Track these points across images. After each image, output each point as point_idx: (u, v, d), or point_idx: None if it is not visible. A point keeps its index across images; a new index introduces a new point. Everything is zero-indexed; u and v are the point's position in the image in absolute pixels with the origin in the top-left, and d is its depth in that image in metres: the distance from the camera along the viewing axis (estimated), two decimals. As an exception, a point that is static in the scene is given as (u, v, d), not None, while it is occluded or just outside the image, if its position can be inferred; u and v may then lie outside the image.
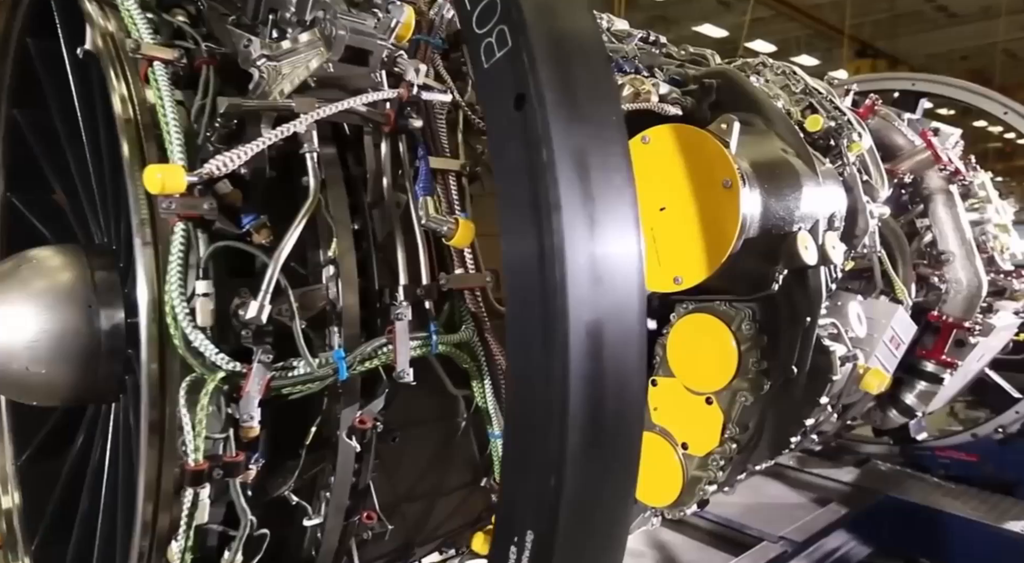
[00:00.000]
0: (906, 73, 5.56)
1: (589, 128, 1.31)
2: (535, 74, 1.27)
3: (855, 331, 2.87)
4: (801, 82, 2.96)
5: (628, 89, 2.21)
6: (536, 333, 1.27)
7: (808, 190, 2.33)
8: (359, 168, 1.80)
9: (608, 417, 1.29)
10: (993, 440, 4.85)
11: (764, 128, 2.48)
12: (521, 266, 1.28)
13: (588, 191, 1.27)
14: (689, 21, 16.22)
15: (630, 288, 1.33)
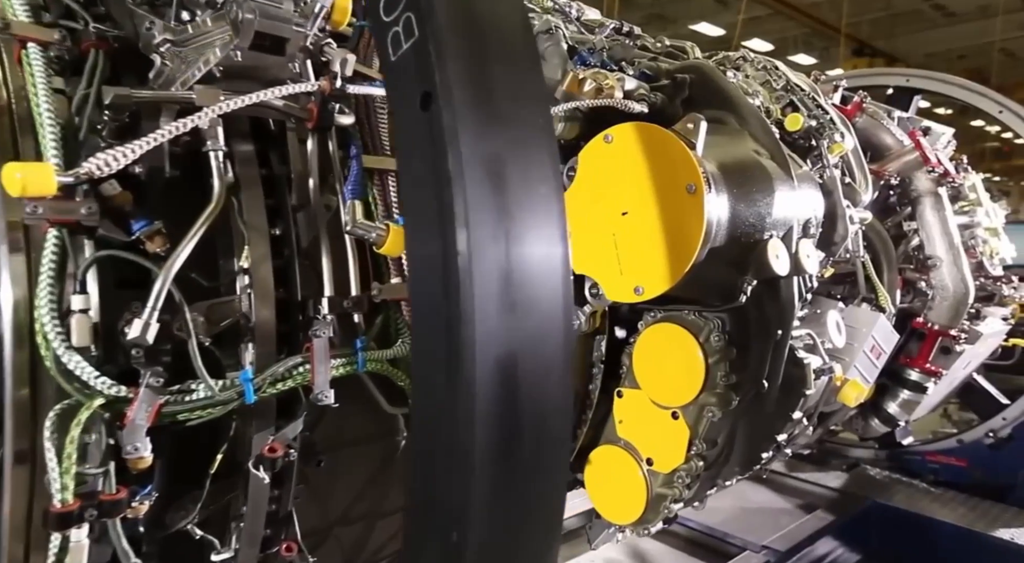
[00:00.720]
0: (901, 69, 5.34)
1: (508, 132, 1.12)
2: (442, 69, 1.07)
3: (833, 341, 2.68)
4: (783, 78, 2.75)
5: (590, 84, 2.01)
6: (439, 368, 1.08)
7: (781, 195, 2.13)
8: (284, 168, 1.61)
9: (524, 462, 1.10)
10: (983, 445, 4.66)
11: (737, 128, 2.28)
12: (423, 291, 1.10)
13: (503, 205, 1.08)
14: (686, 20, 15.91)
15: (552, 316, 1.14)
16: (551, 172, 1.17)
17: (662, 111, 2.30)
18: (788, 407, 2.42)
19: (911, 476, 4.84)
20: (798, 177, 2.23)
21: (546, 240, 1.15)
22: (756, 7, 15.43)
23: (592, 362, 2.40)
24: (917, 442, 4.89)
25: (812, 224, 2.25)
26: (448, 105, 1.07)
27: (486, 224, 1.07)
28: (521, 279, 1.10)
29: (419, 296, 1.13)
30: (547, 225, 1.15)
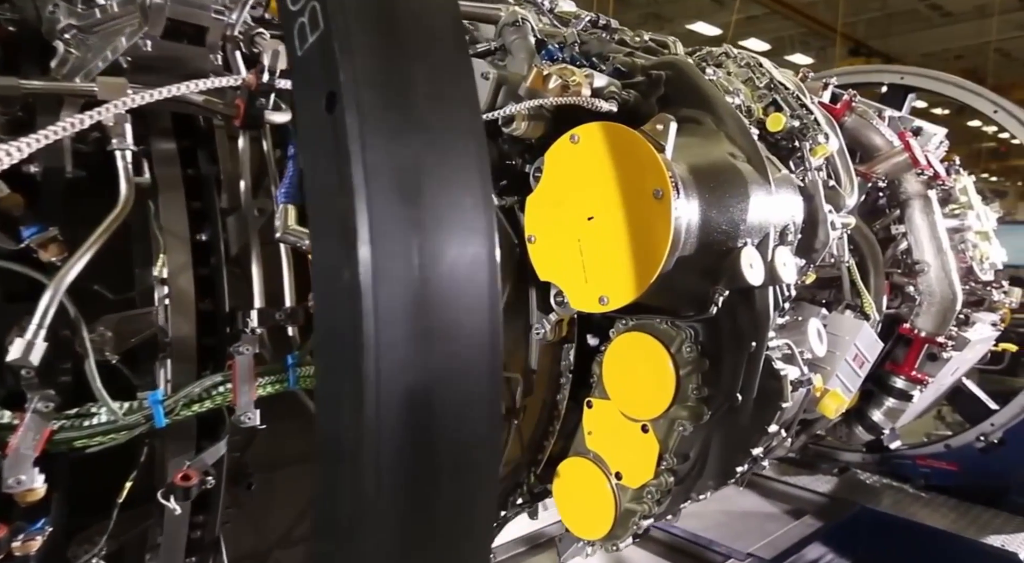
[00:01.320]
0: (895, 66, 5.16)
1: (426, 138, 0.97)
2: (348, 67, 0.92)
3: (814, 350, 2.53)
4: (766, 76, 2.59)
5: (555, 80, 1.86)
6: (342, 403, 0.93)
7: (757, 200, 1.98)
8: (213, 168, 1.46)
9: (441, 512, 0.95)
10: (975, 449, 4.50)
11: (714, 128, 2.12)
12: (325, 316, 0.95)
13: (417, 220, 0.93)
14: (683, 19, 15.65)
15: (475, 344, 0.99)
16: (477, 182, 1.02)
17: (636, 109, 2.15)
18: (764, 420, 2.28)
19: (902, 480, 4.69)
20: (776, 181, 2.08)
21: (469, 258, 1.00)
22: (752, 6, 15.18)
23: (560, 371, 2.25)
24: (905, 446, 4.75)
25: (790, 230, 2.10)
26: (354, 107, 0.92)
27: (394, 242, 0.92)
28: (438, 303, 0.95)
29: (321, 321, 0.99)
30: (471, 242, 1.00)
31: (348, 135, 0.91)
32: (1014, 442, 4.39)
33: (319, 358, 0.98)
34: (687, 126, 2.16)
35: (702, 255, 1.90)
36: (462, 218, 0.99)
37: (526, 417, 2.17)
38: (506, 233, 2.06)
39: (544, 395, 2.20)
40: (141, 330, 1.29)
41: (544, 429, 2.25)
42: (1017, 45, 17.63)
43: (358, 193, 0.90)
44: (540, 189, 2.00)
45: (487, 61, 1.95)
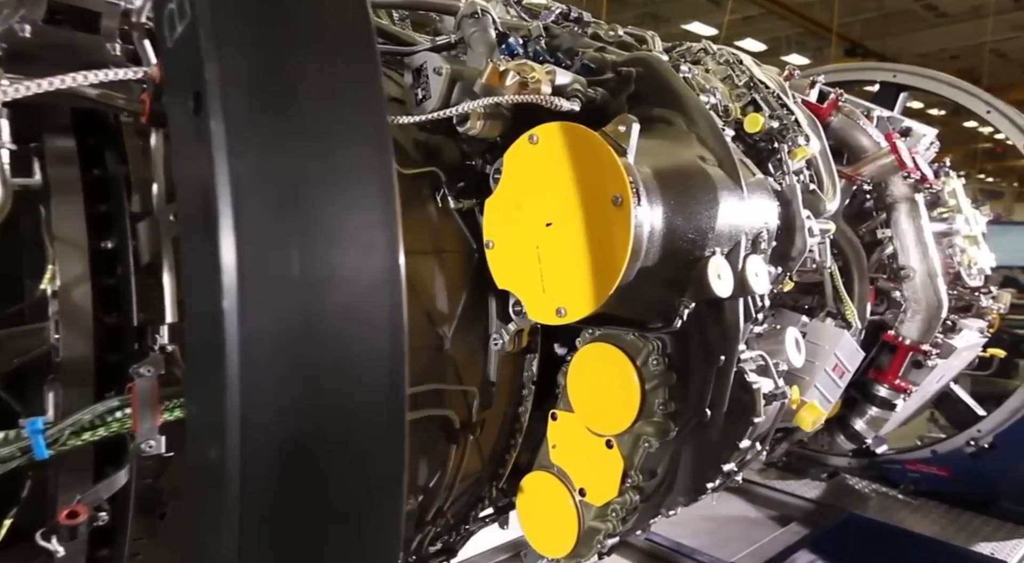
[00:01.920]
0: (888, 64, 4.98)
1: (312, 146, 0.82)
2: (216, 61, 0.77)
3: (791, 361, 2.38)
4: (746, 74, 2.43)
5: (513, 77, 1.70)
6: (209, 449, 0.79)
7: (727, 206, 1.83)
8: (124, 169, 1.31)
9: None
10: (965, 454, 4.34)
11: (685, 129, 1.97)
12: (194, 349, 0.81)
13: (296, 245, 0.79)
14: (679, 19, 15.40)
15: (373, 381, 0.85)
16: (377, 196, 0.87)
17: (604, 108, 1.99)
18: (735, 435, 2.13)
19: (891, 485, 4.52)
20: (749, 186, 1.93)
21: (365, 284, 0.85)
22: (749, 7, 14.95)
23: (523, 383, 2.10)
24: (892, 451, 4.60)
25: (763, 238, 1.95)
26: (220, 111, 0.77)
27: (267, 267, 0.77)
28: (323, 334, 0.81)
29: (189, 358, 0.84)
30: (367, 265, 0.85)
31: (213, 143, 0.76)
32: (1005, 447, 4.23)
33: (186, 393, 0.84)
34: (658, 127, 2.01)
35: (667, 265, 1.75)
36: (355, 239, 0.84)
37: (486, 430, 2.03)
38: (464, 238, 1.90)
39: (505, 407, 2.06)
40: (28, 349, 1.15)
41: (506, 442, 2.11)
42: (1013, 46, 17.38)
43: (222, 212, 0.75)
44: (499, 192, 1.85)
45: (442, 55, 1.80)
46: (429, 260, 1.80)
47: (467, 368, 1.88)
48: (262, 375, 0.76)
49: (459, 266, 1.87)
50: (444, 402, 1.83)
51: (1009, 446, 4.23)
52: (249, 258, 0.75)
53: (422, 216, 1.81)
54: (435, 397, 1.81)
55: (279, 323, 0.77)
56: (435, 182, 1.86)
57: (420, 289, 1.77)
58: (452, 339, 1.82)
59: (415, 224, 1.79)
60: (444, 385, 1.79)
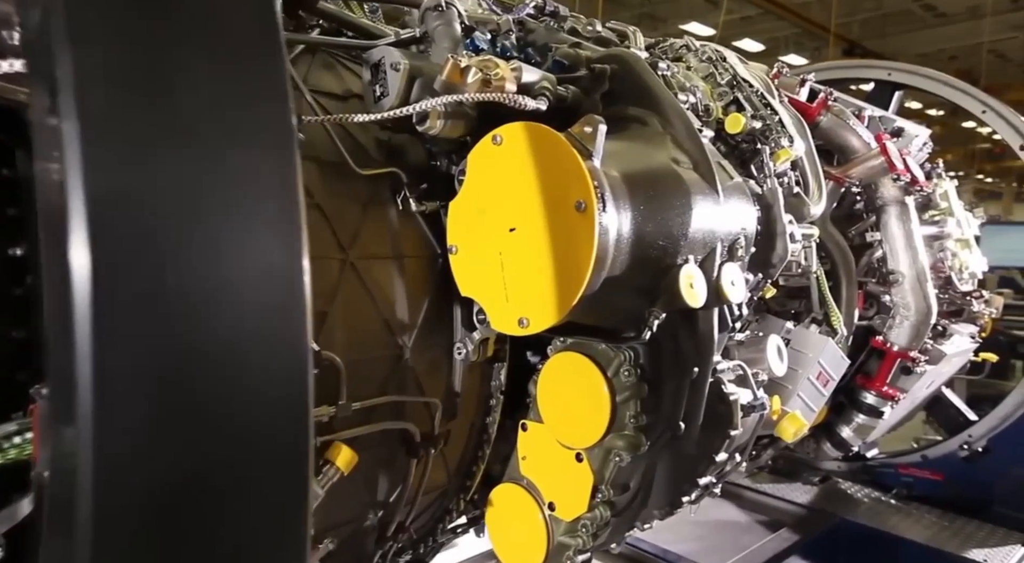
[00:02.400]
0: (883, 61, 4.84)
1: (192, 155, 0.71)
2: (71, 54, 0.66)
3: (773, 370, 2.27)
4: (729, 72, 2.31)
5: (475, 74, 1.59)
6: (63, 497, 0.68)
7: (701, 212, 1.71)
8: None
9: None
10: (958, 457, 4.21)
11: (659, 130, 1.86)
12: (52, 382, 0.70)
13: (176, 260, 0.68)
14: (677, 19, 15.20)
15: (269, 417, 0.74)
16: (274, 213, 0.76)
17: (576, 107, 1.88)
18: (712, 448, 2.02)
19: (884, 490, 4.38)
20: (726, 189, 1.81)
21: (257, 303, 0.74)
22: (746, 7, 14.77)
23: (491, 392, 2.00)
24: (883, 455, 4.49)
25: (741, 245, 1.84)
26: (76, 112, 0.65)
27: (132, 285, 0.66)
28: (201, 364, 0.70)
29: (50, 387, 0.73)
30: (262, 282, 0.74)
31: (67, 150, 0.64)
32: (1000, 450, 4.11)
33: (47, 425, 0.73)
34: (632, 127, 1.90)
35: (637, 273, 1.64)
36: (246, 251, 0.73)
37: (451, 442, 1.92)
38: (427, 242, 1.80)
39: (472, 418, 1.95)
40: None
41: (473, 454, 2.00)
42: (1011, 46, 17.19)
43: (74, 224, 0.64)
44: (462, 195, 1.74)
45: (402, 51, 1.68)
46: (388, 265, 1.69)
47: (430, 378, 1.78)
48: (124, 413, 0.65)
49: (421, 272, 1.76)
50: (404, 414, 1.73)
51: (1003, 450, 4.10)
52: (106, 276, 0.64)
53: (381, 219, 1.70)
54: (395, 409, 1.70)
55: (143, 352, 0.66)
56: (396, 183, 1.75)
57: (379, 296, 1.66)
58: (413, 348, 1.71)
59: (374, 227, 1.68)
60: (404, 397, 1.68)
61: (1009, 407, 4.03)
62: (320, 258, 1.54)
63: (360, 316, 1.62)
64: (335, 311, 1.56)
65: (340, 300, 1.57)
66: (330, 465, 1.49)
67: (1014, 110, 4.38)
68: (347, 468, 1.49)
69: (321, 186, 1.57)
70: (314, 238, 1.55)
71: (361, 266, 1.62)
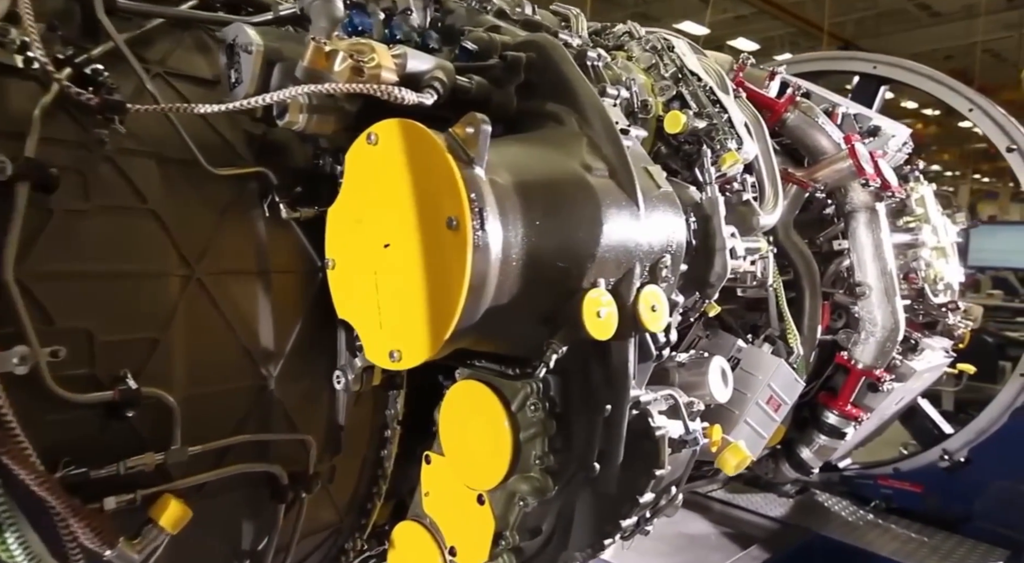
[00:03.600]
0: (867, 54, 4.48)
1: None
2: None
3: (715, 396, 1.98)
4: (675, 63, 2.01)
5: (343, 60, 1.30)
6: None
7: (615, 227, 1.42)
8: None
9: None
10: (939, 469, 3.90)
11: (576, 130, 1.56)
12: None
13: None
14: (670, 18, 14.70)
15: None
16: None
17: (484, 101, 1.59)
18: (636, 488, 1.74)
19: (863, 502, 4.07)
20: (649, 201, 1.52)
21: None
22: (741, 6, 14.27)
23: (386, 422, 1.72)
24: (858, 465, 4.20)
25: (666, 264, 1.54)
26: None
27: None
28: None
29: None
30: None
31: None
32: (981, 461, 3.80)
33: None
34: (548, 126, 1.60)
35: (534, 299, 1.35)
36: None
37: (339, 478, 1.64)
38: (304, 254, 1.51)
39: (364, 451, 1.67)
40: None
41: (367, 490, 1.72)
42: (1006, 45, 16.69)
43: None
44: (340, 201, 1.45)
45: (261, 29, 1.38)
46: (250, 282, 1.40)
47: (304, 411, 1.50)
48: None
49: (295, 289, 1.47)
50: (269, 453, 1.45)
51: (985, 461, 3.80)
52: None
53: (244, 228, 1.41)
54: (257, 449, 1.42)
55: None
56: (266, 186, 1.46)
57: (236, 318, 1.38)
58: (280, 378, 1.43)
59: (233, 238, 1.39)
60: (265, 434, 1.40)
61: (984, 422, 3.75)
62: (153, 275, 1.26)
63: (209, 343, 1.33)
64: (172, 338, 1.28)
65: (180, 325, 1.29)
66: (151, 525, 1.21)
67: (1004, 110, 4.04)
68: (174, 525, 1.21)
69: (159, 188, 1.29)
70: (144, 250, 1.26)
71: (212, 283, 1.33)
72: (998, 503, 3.83)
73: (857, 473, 4.21)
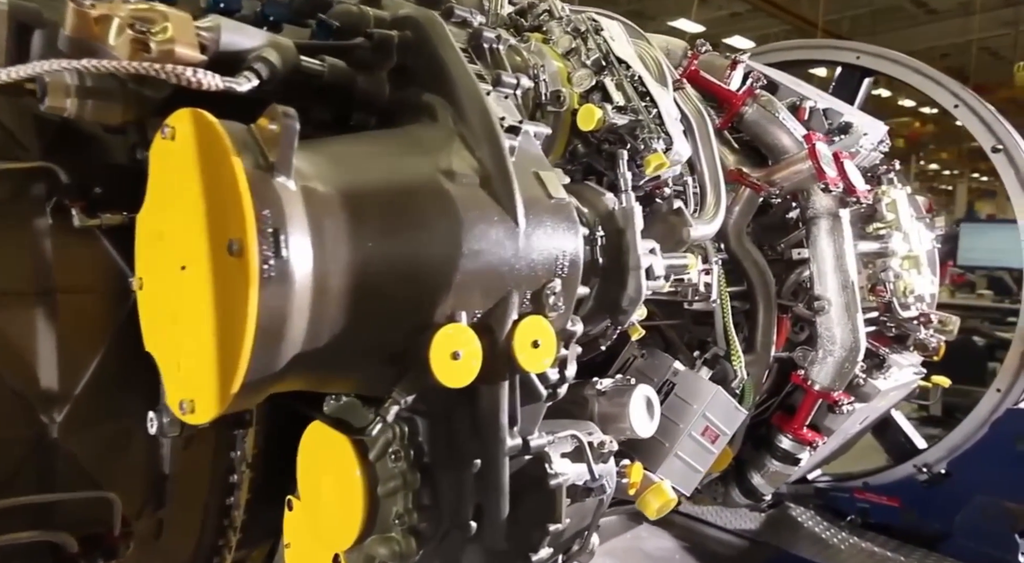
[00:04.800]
0: (850, 42, 4.12)
1: None
2: None
3: (636, 431, 1.70)
4: (600, 48, 1.70)
5: (119, 30, 0.99)
6: None
7: (483, 247, 1.12)
8: None
9: None
10: (917, 482, 3.59)
11: (450, 127, 1.25)
12: None
13: None
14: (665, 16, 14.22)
15: None
16: None
17: (348, 88, 1.28)
18: (528, 544, 1.45)
19: (839, 516, 3.74)
20: (534, 213, 1.21)
21: None
22: (736, 3, 13.80)
23: (232, 466, 1.42)
24: (828, 477, 3.91)
25: (554, 290, 1.24)
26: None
27: None
28: None
29: None
30: None
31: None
32: (961, 475, 3.49)
33: None
34: (421, 121, 1.30)
35: (373, 337, 1.06)
36: None
37: (173, 534, 1.35)
38: (109, 269, 1.21)
39: (204, 500, 1.38)
40: None
41: (212, 542, 1.43)
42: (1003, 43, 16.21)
43: None
44: (145, 208, 1.15)
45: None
46: (23, 305, 1.10)
47: (107, 462, 1.20)
48: None
49: (94, 311, 1.18)
50: (55, 517, 1.15)
51: (966, 475, 3.49)
52: None
53: (15, 237, 1.11)
54: (35, 513, 1.13)
55: None
56: (55, 186, 1.15)
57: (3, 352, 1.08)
58: (66, 424, 1.13)
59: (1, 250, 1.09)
60: (41, 496, 1.11)
61: (958, 438, 3.46)
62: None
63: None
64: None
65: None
66: None
67: (993, 108, 3.70)
68: None
69: None
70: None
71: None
72: (979, 519, 3.53)
73: (830, 485, 3.92)
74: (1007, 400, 3.34)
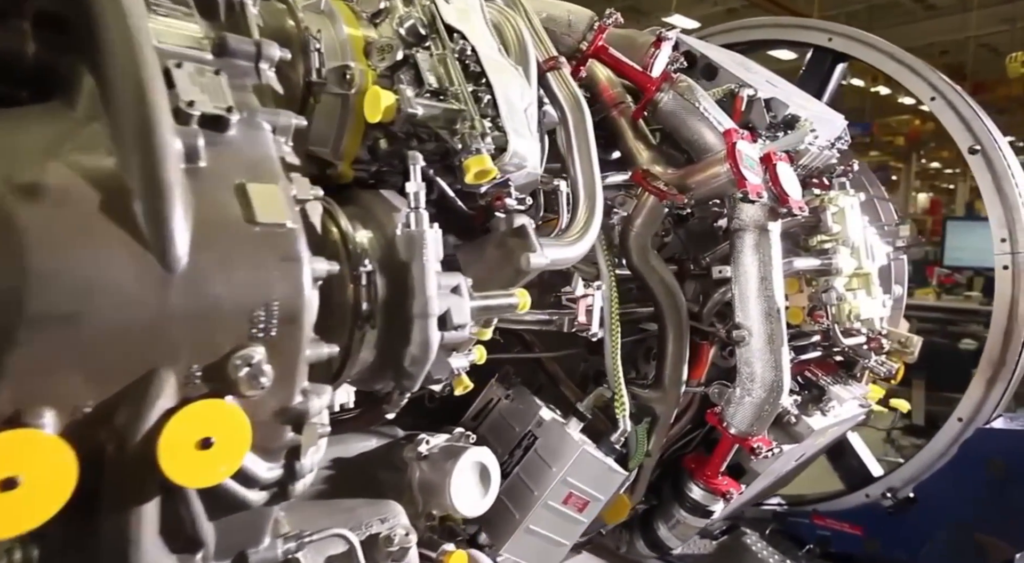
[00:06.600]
0: (822, 22, 3.63)
1: None
2: None
3: (459, 510, 1.28)
4: (421, 15, 1.25)
5: None
6: None
7: (74, 310, 0.69)
8: None
9: None
10: (882, 508, 3.17)
11: (85, 112, 0.82)
12: None
13: None
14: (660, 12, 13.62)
15: None
16: None
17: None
18: None
19: (798, 545, 3.32)
20: (214, 248, 0.79)
21: None
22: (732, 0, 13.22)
23: None
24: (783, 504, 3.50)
25: (249, 359, 0.81)
26: None
27: None
28: None
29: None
30: None
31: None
32: (927, 501, 3.06)
33: None
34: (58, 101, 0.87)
35: None
36: None
37: None
38: None
39: None
40: None
41: None
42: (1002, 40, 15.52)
43: None
44: None
45: None
46: None
47: None
48: None
49: None
50: None
51: (932, 501, 3.07)
52: None
53: None
54: None
55: None
56: None
57: None
58: None
59: None
60: None
61: (912, 470, 3.04)
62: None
63: None
64: None
65: None
66: None
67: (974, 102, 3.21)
68: None
69: None
70: None
71: None
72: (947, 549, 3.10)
73: (787, 511, 3.50)
74: (968, 430, 2.92)
